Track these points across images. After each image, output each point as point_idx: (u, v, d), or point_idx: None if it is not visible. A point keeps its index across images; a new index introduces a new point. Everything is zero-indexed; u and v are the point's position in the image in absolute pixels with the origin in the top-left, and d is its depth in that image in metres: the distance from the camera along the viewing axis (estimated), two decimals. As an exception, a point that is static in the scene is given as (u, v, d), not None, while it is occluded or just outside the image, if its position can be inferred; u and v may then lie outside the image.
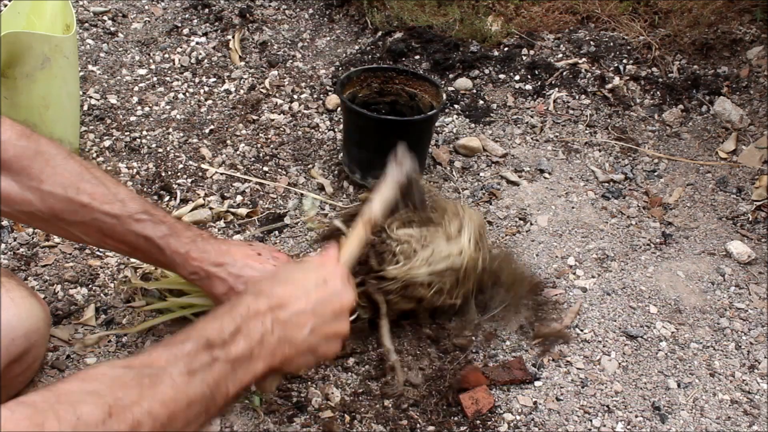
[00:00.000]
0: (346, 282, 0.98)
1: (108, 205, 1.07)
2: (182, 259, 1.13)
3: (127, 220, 1.08)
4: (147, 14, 2.41)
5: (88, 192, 1.06)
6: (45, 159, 1.04)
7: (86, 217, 1.06)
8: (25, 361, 1.13)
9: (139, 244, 1.11)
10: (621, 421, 1.25)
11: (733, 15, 2.19)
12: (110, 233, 1.09)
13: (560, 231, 1.67)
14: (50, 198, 1.04)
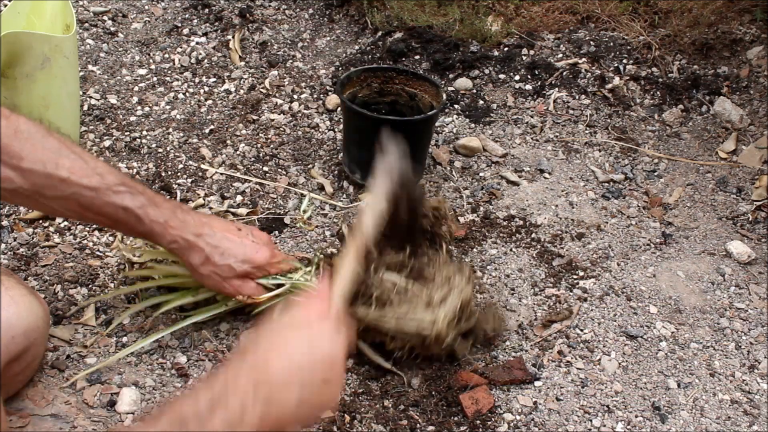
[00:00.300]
0: (336, 338, 0.87)
1: (87, 179, 1.09)
2: (161, 228, 1.15)
3: (106, 192, 1.10)
4: (147, 14, 2.41)
5: (67, 167, 1.08)
6: (24, 137, 1.06)
7: (66, 191, 1.08)
8: (24, 360, 1.13)
9: (119, 216, 1.12)
10: (621, 421, 1.25)
11: (733, 15, 2.19)
12: (90, 206, 1.10)
13: (560, 231, 1.67)
14: (31, 175, 1.06)
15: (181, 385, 1.26)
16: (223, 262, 1.21)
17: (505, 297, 1.48)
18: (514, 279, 1.53)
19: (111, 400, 1.22)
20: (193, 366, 1.30)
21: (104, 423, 1.18)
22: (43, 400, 1.20)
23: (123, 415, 1.20)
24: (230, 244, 1.21)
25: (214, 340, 1.34)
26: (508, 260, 1.57)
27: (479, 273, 1.53)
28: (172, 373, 1.28)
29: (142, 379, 1.26)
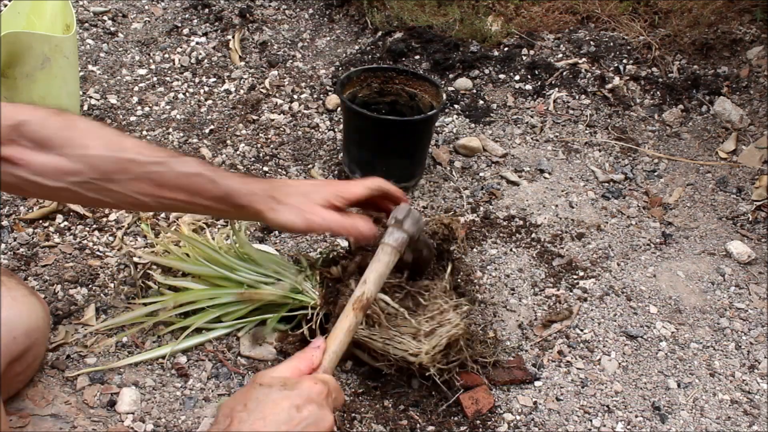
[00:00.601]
0: (324, 404, 0.87)
1: (153, 156, 1.09)
2: (237, 184, 1.14)
3: (175, 164, 1.10)
4: (147, 14, 2.41)
5: (131, 148, 1.08)
6: (83, 128, 1.07)
7: (137, 171, 1.08)
8: (25, 360, 1.13)
9: (193, 183, 1.11)
10: (621, 421, 1.25)
11: (733, 15, 2.19)
12: (163, 182, 1.09)
13: (560, 231, 1.67)
14: (99, 161, 1.05)
15: (181, 385, 1.26)
16: (299, 195, 1.18)
17: (505, 297, 1.48)
18: (514, 279, 1.53)
19: (111, 400, 1.22)
20: (193, 366, 1.30)
21: (104, 423, 1.18)
22: (43, 400, 1.20)
23: (123, 415, 1.20)
24: (302, 183, 1.21)
25: (214, 340, 1.34)
26: (508, 260, 1.57)
27: (479, 273, 1.54)
28: (172, 373, 1.28)
29: (142, 379, 1.26)
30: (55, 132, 1.04)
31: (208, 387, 1.26)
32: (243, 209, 1.16)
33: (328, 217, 1.16)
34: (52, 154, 1.03)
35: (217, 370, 1.29)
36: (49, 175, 1.04)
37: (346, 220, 1.18)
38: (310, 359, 0.95)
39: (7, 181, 1.04)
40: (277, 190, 1.18)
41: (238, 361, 1.31)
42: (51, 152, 1.03)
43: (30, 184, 1.04)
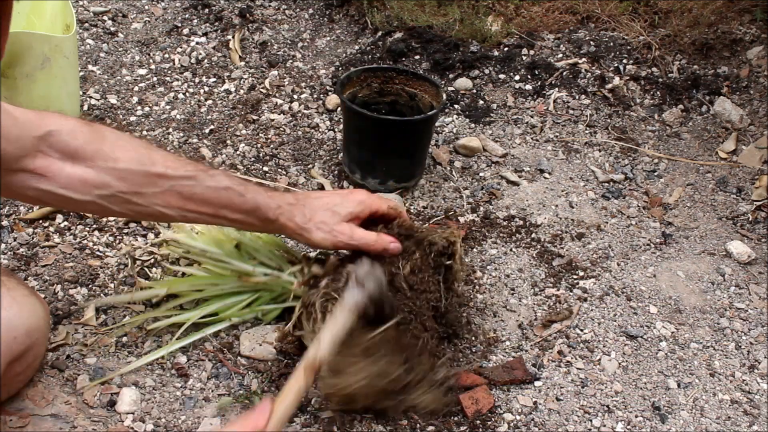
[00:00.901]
0: None
1: (182, 169, 1.10)
2: (264, 199, 1.15)
3: (204, 178, 1.11)
4: (147, 14, 2.41)
5: (161, 162, 1.08)
6: (113, 140, 1.06)
7: (165, 186, 1.08)
8: (25, 360, 1.13)
9: (221, 197, 1.12)
10: (621, 421, 1.25)
11: (733, 15, 2.19)
12: (191, 196, 1.10)
13: (560, 231, 1.67)
14: (128, 174, 1.05)
15: (181, 385, 1.26)
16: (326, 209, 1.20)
17: (505, 297, 1.48)
18: (514, 279, 1.53)
19: (111, 400, 1.22)
20: (193, 366, 1.30)
21: (104, 423, 1.18)
22: (43, 400, 1.20)
23: (123, 415, 1.20)
24: (326, 195, 1.23)
25: (214, 340, 1.34)
26: (508, 260, 1.57)
27: (479, 273, 1.54)
28: (172, 373, 1.28)
29: (142, 379, 1.26)
30: (84, 143, 1.03)
31: (208, 387, 1.26)
32: (271, 223, 1.18)
33: (356, 236, 1.20)
34: (81, 166, 1.03)
35: (217, 370, 1.29)
36: (76, 188, 1.03)
37: (371, 237, 1.21)
38: (255, 422, 0.96)
39: (32, 195, 1.03)
40: (305, 205, 1.19)
41: (238, 361, 1.31)
42: (79, 164, 1.03)
43: (55, 197, 1.04)
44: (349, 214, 1.21)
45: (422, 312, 1.24)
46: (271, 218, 1.17)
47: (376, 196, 1.27)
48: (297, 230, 1.19)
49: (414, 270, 1.24)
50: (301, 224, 1.19)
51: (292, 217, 1.18)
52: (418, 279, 1.24)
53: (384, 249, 1.21)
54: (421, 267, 1.25)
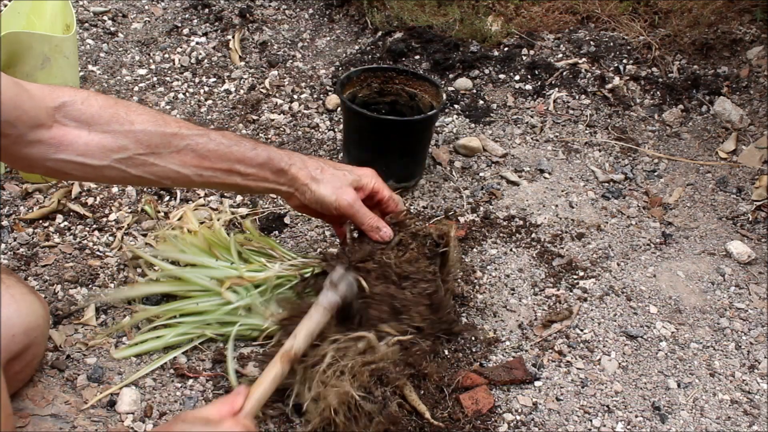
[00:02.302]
0: None
1: (194, 128, 1.14)
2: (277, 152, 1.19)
3: (215, 135, 1.15)
4: (147, 14, 2.41)
5: (173, 123, 1.12)
6: (126, 104, 1.10)
7: (181, 144, 1.11)
8: (24, 359, 1.13)
9: (233, 152, 1.15)
10: (621, 421, 1.25)
11: (733, 15, 2.19)
12: (205, 153, 1.13)
13: (560, 231, 1.67)
14: (144, 136, 1.08)
15: (181, 385, 1.26)
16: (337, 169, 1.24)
17: (505, 297, 1.48)
18: (514, 279, 1.53)
19: (111, 400, 1.22)
20: (193, 366, 1.29)
21: (104, 423, 1.18)
22: (43, 400, 1.20)
23: (123, 415, 1.20)
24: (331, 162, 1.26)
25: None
26: (508, 260, 1.57)
27: (479, 273, 1.54)
28: (171, 373, 1.28)
29: (142, 379, 1.26)
30: (99, 109, 1.06)
31: (207, 387, 1.26)
32: (284, 174, 1.20)
33: (357, 205, 1.23)
34: (97, 132, 1.05)
35: (217, 370, 1.29)
36: (94, 154, 1.06)
37: (370, 213, 1.24)
38: (232, 403, 0.99)
39: (51, 167, 1.05)
40: (314, 161, 1.23)
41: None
42: (96, 130, 1.05)
43: (75, 165, 1.06)
44: (357, 181, 1.24)
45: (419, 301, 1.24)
46: (284, 168, 1.19)
47: (381, 181, 1.30)
48: (306, 180, 1.21)
49: (410, 260, 1.25)
50: (313, 173, 1.21)
51: (304, 166, 1.21)
52: (414, 269, 1.25)
53: (376, 228, 1.24)
54: (418, 257, 1.26)
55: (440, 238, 1.30)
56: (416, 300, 1.24)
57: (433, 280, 1.26)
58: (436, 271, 1.28)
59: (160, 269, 1.41)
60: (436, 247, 1.29)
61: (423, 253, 1.28)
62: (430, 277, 1.26)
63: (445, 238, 1.30)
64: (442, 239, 1.30)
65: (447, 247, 1.30)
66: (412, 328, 1.23)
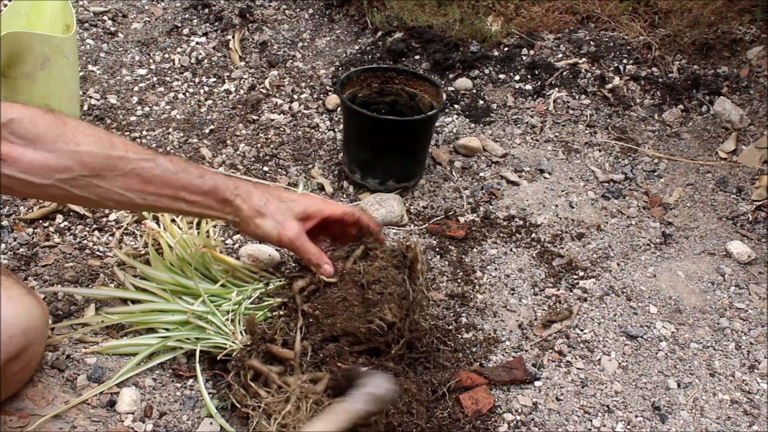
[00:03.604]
0: None
1: (142, 152, 1.12)
2: (223, 180, 1.19)
3: (162, 161, 1.14)
4: (147, 14, 2.41)
5: (121, 146, 1.11)
6: (74, 125, 1.09)
7: (126, 168, 1.10)
8: (23, 359, 1.13)
9: (180, 179, 1.14)
10: (621, 421, 1.25)
11: (733, 15, 2.19)
12: (151, 178, 1.12)
13: (560, 231, 1.67)
14: (89, 158, 1.07)
15: (181, 385, 1.26)
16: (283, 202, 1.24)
17: (505, 297, 1.48)
18: (514, 279, 1.53)
19: (111, 400, 1.22)
20: (192, 366, 1.29)
21: (104, 423, 1.18)
22: (43, 400, 1.20)
23: (123, 415, 1.20)
24: (285, 192, 1.27)
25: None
26: (508, 260, 1.57)
27: (479, 273, 1.54)
28: (170, 373, 1.28)
29: (142, 379, 1.26)
30: (45, 129, 1.05)
31: (207, 387, 1.26)
32: (228, 204, 1.20)
33: (299, 240, 1.23)
34: (42, 151, 1.05)
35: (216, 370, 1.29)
36: (38, 172, 1.05)
37: (313, 249, 1.24)
38: None
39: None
40: (263, 192, 1.23)
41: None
42: (41, 149, 1.05)
43: (18, 182, 1.05)
44: (302, 212, 1.25)
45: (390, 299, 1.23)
46: (229, 198, 1.20)
47: (332, 202, 1.31)
48: (250, 213, 1.22)
49: (379, 268, 1.26)
50: (257, 207, 1.22)
51: (248, 198, 1.22)
52: (383, 274, 1.26)
53: (317, 265, 1.25)
54: (386, 266, 1.27)
55: (407, 250, 1.30)
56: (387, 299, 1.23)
57: (402, 284, 1.26)
58: (404, 279, 1.28)
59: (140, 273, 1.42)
60: (404, 259, 1.30)
61: (391, 263, 1.28)
62: (399, 281, 1.26)
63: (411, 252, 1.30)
64: (408, 252, 1.30)
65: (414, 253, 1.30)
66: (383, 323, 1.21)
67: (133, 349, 1.30)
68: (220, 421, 1.19)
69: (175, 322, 1.31)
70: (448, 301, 1.47)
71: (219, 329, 1.28)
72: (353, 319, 1.21)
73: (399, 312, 1.23)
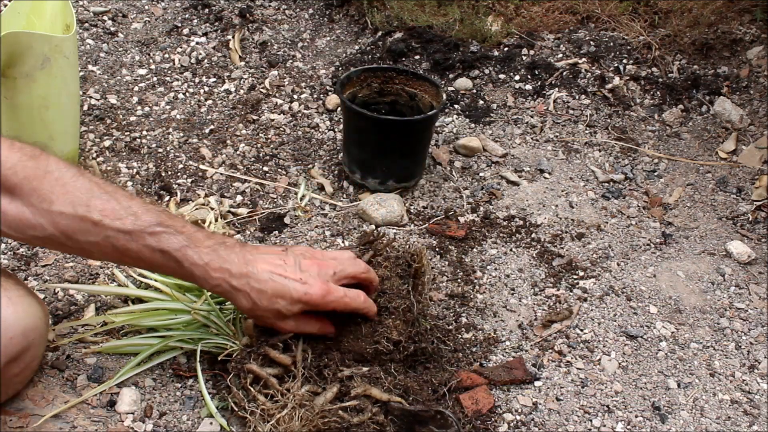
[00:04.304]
0: None
1: (120, 221, 1.03)
2: (202, 272, 1.08)
3: (141, 235, 1.04)
4: (147, 14, 2.41)
5: (99, 209, 1.03)
6: (54, 178, 1.02)
7: (99, 236, 1.03)
8: (23, 361, 1.13)
9: (156, 260, 1.06)
10: (621, 421, 1.25)
11: (733, 15, 2.19)
12: (125, 251, 1.05)
13: (560, 231, 1.67)
14: (61, 219, 1.01)
15: (181, 385, 1.26)
16: (272, 306, 1.11)
17: (505, 297, 1.48)
18: (514, 279, 1.53)
19: (111, 400, 1.22)
20: (192, 366, 1.29)
21: (104, 423, 1.18)
22: (43, 400, 1.20)
23: (123, 415, 1.20)
24: (276, 285, 1.10)
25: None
26: (508, 260, 1.57)
27: (479, 273, 1.54)
28: (170, 373, 1.28)
29: (142, 379, 1.26)
30: (22, 180, 1.00)
31: (207, 387, 1.26)
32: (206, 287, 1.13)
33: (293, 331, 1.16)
34: (17, 203, 1.00)
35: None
36: (11, 224, 1.01)
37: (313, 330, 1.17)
38: None
39: None
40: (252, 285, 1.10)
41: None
42: (16, 201, 1.00)
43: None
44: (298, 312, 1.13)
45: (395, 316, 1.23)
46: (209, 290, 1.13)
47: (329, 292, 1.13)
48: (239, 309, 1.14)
49: (383, 278, 1.25)
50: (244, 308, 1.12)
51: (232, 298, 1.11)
52: (387, 286, 1.25)
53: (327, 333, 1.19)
54: (390, 276, 1.26)
55: (412, 259, 1.29)
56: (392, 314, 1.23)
57: (406, 297, 1.25)
58: (409, 291, 1.27)
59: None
60: (408, 268, 1.28)
61: (396, 273, 1.27)
62: (404, 294, 1.25)
63: (417, 259, 1.29)
64: (414, 260, 1.29)
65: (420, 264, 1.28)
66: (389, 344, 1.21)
67: (133, 349, 1.30)
68: (221, 421, 1.19)
69: (178, 322, 1.31)
70: (448, 301, 1.47)
71: (220, 329, 1.28)
72: (359, 339, 1.20)
73: (405, 329, 1.23)
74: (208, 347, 1.27)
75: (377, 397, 1.16)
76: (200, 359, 1.26)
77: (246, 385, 1.16)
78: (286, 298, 1.11)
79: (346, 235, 1.62)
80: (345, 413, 1.13)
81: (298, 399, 1.11)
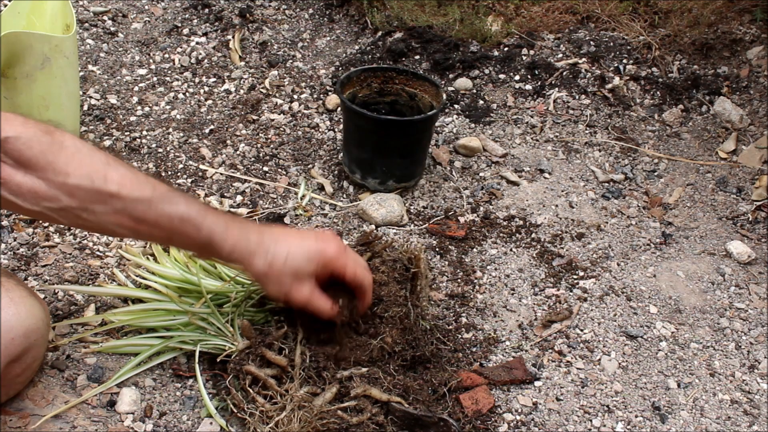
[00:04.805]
0: None
1: (138, 191, 1.05)
2: (222, 234, 1.10)
3: (160, 202, 1.06)
4: (147, 14, 2.41)
5: (116, 180, 1.04)
6: (71, 152, 1.03)
7: (117, 206, 1.04)
8: (24, 361, 1.13)
9: (175, 225, 1.07)
10: (621, 421, 1.25)
11: (733, 15, 2.19)
12: (143, 219, 1.06)
13: (560, 231, 1.67)
14: (78, 191, 1.02)
15: (181, 385, 1.26)
16: (289, 264, 1.13)
17: (505, 297, 1.49)
18: (514, 279, 1.53)
19: (111, 400, 1.22)
20: (192, 366, 1.29)
21: (104, 423, 1.18)
22: (43, 400, 1.20)
23: (123, 415, 1.20)
24: (293, 245, 1.14)
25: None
26: (508, 260, 1.57)
27: (479, 273, 1.54)
28: (170, 373, 1.28)
29: (142, 379, 1.26)
30: (38, 154, 1.01)
31: (207, 387, 1.26)
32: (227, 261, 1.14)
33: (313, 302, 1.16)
34: (32, 176, 1.01)
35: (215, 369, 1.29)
36: (25, 197, 1.01)
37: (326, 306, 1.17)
38: None
39: None
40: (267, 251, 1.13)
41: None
42: (31, 174, 1.01)
43: (5, 202, 1.02)
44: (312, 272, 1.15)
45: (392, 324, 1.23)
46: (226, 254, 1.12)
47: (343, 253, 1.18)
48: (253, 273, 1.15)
49: (380, 283, 1.24)
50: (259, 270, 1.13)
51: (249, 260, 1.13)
52: (385, 292, 1.24)
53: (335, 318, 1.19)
54: (388, 281, 1.25)
55: (410, 262, 1.29)
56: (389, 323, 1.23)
57: (404, 304, 1.25)
58: (407, 296, 1.26)
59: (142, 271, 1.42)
60: (406, 272, 1.28)
61: (393, 277, 1.27)
62: (401, 301, 1.25)
63: (414, 262, 1.29)
64: (411, 263, 1.29)
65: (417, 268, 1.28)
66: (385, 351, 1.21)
67: (133, 349, 1.30)
68: (220, 422, 1.19)
69: (178, 323, 1.31)
70: (448, 301, 1.47)
71: (219, 330, 1.28)
72: (356, 348, 1.21)
73: (401, 338, 1.23)
74: (207, 348, 1.27)
75: (377, 398, 1.16)
76: (200, 360, 1.26)
77: (245, 386, 1.16)
78: (303, 253, 1.14)
79: (346, 235, 1.62)
80: (344, 413, 1.13)
81: (296, 400, 1.11)
